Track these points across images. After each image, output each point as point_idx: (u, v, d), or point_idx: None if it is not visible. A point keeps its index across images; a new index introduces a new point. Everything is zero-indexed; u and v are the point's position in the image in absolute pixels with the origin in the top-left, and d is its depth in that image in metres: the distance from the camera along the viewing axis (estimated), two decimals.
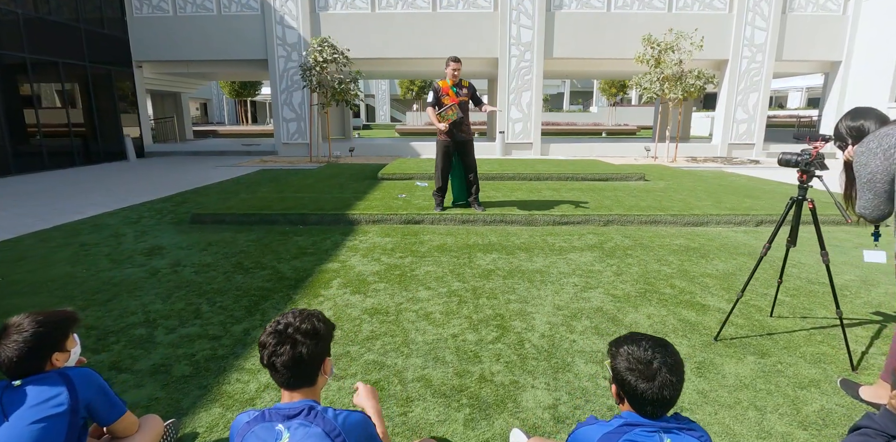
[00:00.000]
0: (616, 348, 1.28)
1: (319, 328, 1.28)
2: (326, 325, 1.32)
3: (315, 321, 1.29)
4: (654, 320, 2.99)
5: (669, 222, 5.59)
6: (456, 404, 2.12)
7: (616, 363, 1.25)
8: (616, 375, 1.25)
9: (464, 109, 5.56)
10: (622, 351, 1.25)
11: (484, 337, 2.76)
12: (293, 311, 1.32)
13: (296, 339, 1.23)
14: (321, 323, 1.30)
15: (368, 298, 3.34)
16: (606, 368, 1.32)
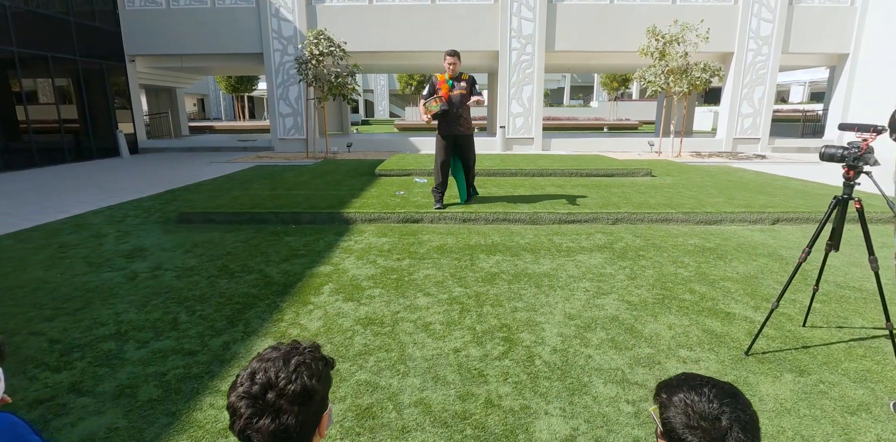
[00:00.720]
0: (668, 396, 1.00)
1: (313, 388, 0.86)
2: (322, 375, 0.89)
3: (306, 377, 0.86)
4: (676, 331, 2.71)
5: (681, 220, 5.31)
6: (459, 436, 1.85)
7: (669, 416, 0.97)
8: (670, 431, 0.96)
9: (463, 103, 5.39)
10: (677, 401, 0.97)
11: (489, 352, 2.49)
12: (276, 354, 0.88)
13: (279, 407, 0.83)
14: (315, 378, 0.87)
15: (362, 307, 3.07)
16: (653, 418, 0.99)
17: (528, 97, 14.70)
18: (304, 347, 0.91)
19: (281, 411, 0.83)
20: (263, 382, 0.84)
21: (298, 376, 0.85)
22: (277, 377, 0.84)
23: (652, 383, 2.20)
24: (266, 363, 0.87)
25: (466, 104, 5.39)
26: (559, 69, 21.88)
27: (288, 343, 0.93)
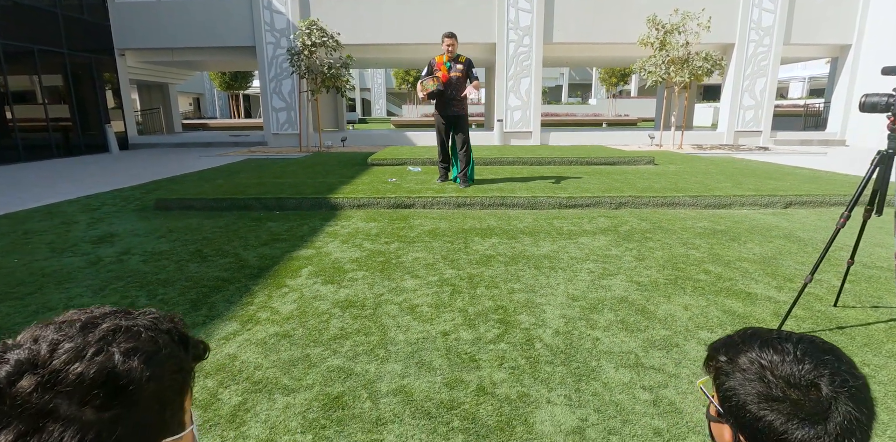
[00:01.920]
0: (731, 358, 0.68)
1: (130, 375, 0.44)
2: (161, 358, 0.48)
3: (119, 354, 0.45)
4: (693, 312, 2.41)
5: (689, 204, 5.01)
6: (444, 429, 1.54)
7: (734, 386, 0.66)
8: (736, 408, 0.65)
9: (460, 84, 5.52)
10: (747, 363, 0.65)
11: (482, 335, 2.18)
12: (79, 315, 0.50)
13: (43, 407, 0.40)
14: (139, 358, 0.45)
15: (343, 289, 2.76)
16: (703, 393, 0.61)
17: (525, 90, 14.40)
18: (141, 313, 0.52)
19: (47, 416, 0.40)
20: (24, 359, 0.42)
21: (101, 352, 0.44)
22: (56, 350, 0.43)
23: (671, 368, 1.90)
24: (50, 327, 0.46)
25: (463, 94, 5.48)
26: (557, 63, 21.57)
27: None
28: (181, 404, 0.51)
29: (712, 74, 12.47)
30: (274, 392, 1.76)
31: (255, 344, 2.12)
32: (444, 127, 5.66)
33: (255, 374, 1.88)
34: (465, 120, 5.66)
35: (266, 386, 1.80)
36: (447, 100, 5.47)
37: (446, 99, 5.47)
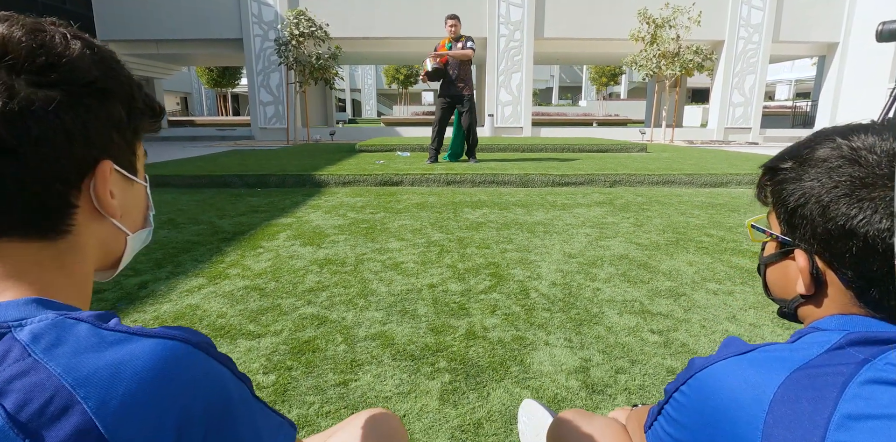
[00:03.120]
0: (804, 156, 0.51)
1: (75, 54, 0.39)
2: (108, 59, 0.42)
3: (88, 49, 0.40)
4: (698, 267, 2.24)
5: (685, 182, 4.88)
6: (429, 369, 1.35)
7: (811, 188, 0.49)
8: (813, 220, 0.49)
9: (462, 65, 5.55)
10: (827, 152, 0.49)
11: (473, 287, 1.99)
12: None
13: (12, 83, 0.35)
14: (85, 43, 0.40)
15: (322, 250, 2.56)
16: (758, 230, 0.40)
17: (516, 85, 14.30)
18: None
19: (16, 88, 0.35)
20: None
21: (76, 39, 0.40)
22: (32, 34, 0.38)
23: (680, 314, 1.72)
24: None
25: (450, 55, 5.43)
26: (548, 59, 21.54)
27: None
28: (131, 143, 0.45)
29: (703, 68, 12.46)
30: (237, 337, 1.55)
31: (220, 296, 1.92)
32: (446, 107, 5.62)
33: (218, 321, 1.68)
34: (468, 101, 5.61)
35: (228, 332, 1.59)
36: (450, 80, 5.51)
37: (449, 79, 5.51)
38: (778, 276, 0.57)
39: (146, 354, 0.36)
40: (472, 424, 1.12)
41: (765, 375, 0.47)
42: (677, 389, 0.56)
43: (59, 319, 0.36)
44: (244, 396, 0.43)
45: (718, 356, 0.53)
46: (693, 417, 0.52)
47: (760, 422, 0.45)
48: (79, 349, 0.34)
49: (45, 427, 0.31)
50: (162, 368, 0.36)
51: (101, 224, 0.43)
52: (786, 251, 0.55)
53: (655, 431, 0.63)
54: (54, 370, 0.33)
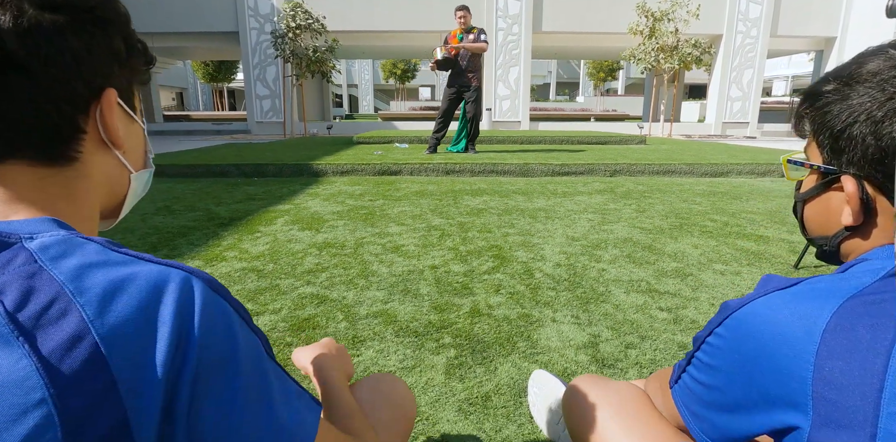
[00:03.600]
0: (849, 74, 0.48)
1: None
2: None
3: None
4: (703, 250, 2.21)
5: (685, 172, 4.85)
6: (433, 345, 1.31)
7: (859, 104, 0.46)
8: (864, 139, 0.45)
9: (472, 56, 5.52)
10: (878, 64, 0.46)
11: (476, 268, 1.95)
12: None
13: None
14: None
15: (321, 234, 2.52)
16: (794, 164, 0.35)
17: (514, 79, 14.24)
18: None
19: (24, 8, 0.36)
20: None
21: None
22: None
23: (688, 293, 1.69)
24: None
25: (465, 48, 5.42)
26: (546, 52, 21.46)
27: None
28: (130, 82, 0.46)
29: (701, 62, 12.43)
30: None
31: (218, 277, 1.87)
32: (454, 98, 5.59)
33: None
34: (474, 91, 5.57)
35: None
36: (459, 71, 5.49)
37: (458, 70, 5.49)
38: (818, 211, 0.54)
39: (151, 276, 0.34)
40: (479, 396, 1.08)
41: (814, 305, 0.43)
42: (711, 333, 0.52)
43: (70, 236, 0.35)
44: (255, 352, 0.39)
45: (757, 293, 0.49)
46: (730, 359, 0.48)
47: (811, 354, 0.41)
48: (85, 263, 0.34)
49: (40, 329, 0.30)
50: (162, 290, 0.34)
51: (106, 156, 0.44)
52: (828, 182, 0.51)
53: (683, 383, 0.59)
54: (57, 277, 0.32)
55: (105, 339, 0.31)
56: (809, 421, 0.41)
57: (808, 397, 0.41)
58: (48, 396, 0.29)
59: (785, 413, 0.43)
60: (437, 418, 1.01)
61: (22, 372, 0.29)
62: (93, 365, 0.30)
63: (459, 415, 1.02)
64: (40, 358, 0.29)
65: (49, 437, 0.29)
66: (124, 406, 0.31)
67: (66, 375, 0.30)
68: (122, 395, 0.31)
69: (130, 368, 0.31)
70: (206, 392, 0.34)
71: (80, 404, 0.30)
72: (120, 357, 0.31)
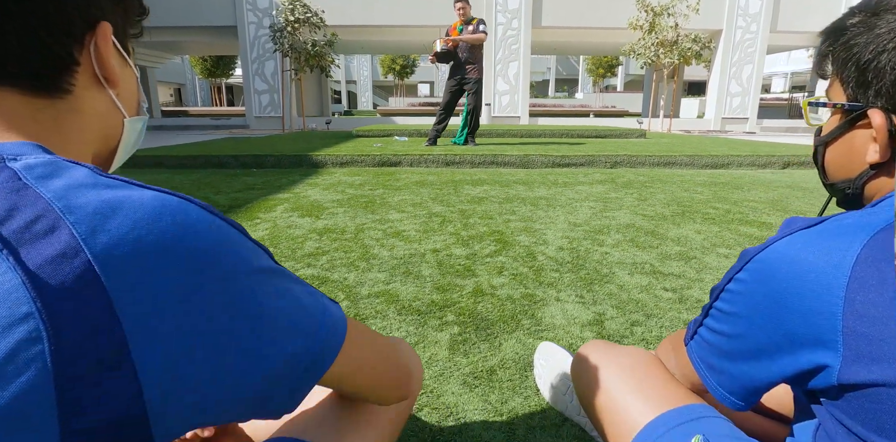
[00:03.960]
0: (875, 4, 0.47)
1: None
2: None
3: None
4: (706, 235, 2.20)
5: (685, 164, 4.83)
6: (436, 322, 1.30)
7: (889, 31, 0.45)
8: (884, 67, 0.45)
9: (473, 48, 5.45)
10: None
11: (478, 251, 1.94)
12: None
13: None
14: None
15: (321, 220, 2.50)
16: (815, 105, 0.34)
17: (514, 74, 14.20)
18: None
19: None
20: None
21: None
22: None
23: (692, 274, 1.68)
24: None
25: (462, 40, 5.33)
26: (546, 48, 21.41)
27: None
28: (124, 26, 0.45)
29: (700, 58, 12.41)
30: None
31: None
32: (455, 90, 5.54)
33: None
34: (475, 83, 5.52)
35: None
36: (459, 63, 5.44)
37: (458, 62, 5.44)
38: (841, 151, 0.52)
39: (146, 199, 0.33)
40: (484, 371, 1.06)
41: (842, 240, 0.41)
42: (731, 280, 0.50)
43: (56, 159, 0.34)
44: (263, 261, 0.38)
45: (781, 234, 0.47)
46: (752, 302, 0.47)
47: (841, 288, 0.40)
48: (73, 184, 0.32)
49: (26, 243, 0.28)
50: (159, 212, 0.32)
51: (99, 95, 0.42)
52: (852, 119, 0.49)
53: (700, 337, 0.58)
54: (44, 194, 0.30)
55: (99, 258, 0.29)
56: (840, 358, 0.40)
57: (837, 333, 0.40)
58: (35, 310, 0.27)
59: (812, 353, 0.42)
60: (441, 391, 0.99)
61: (6, 285, 0.27)
62: (85, 284, 0.28)
63: (464, 388, 1.00)
64: (27, 272, 0.27)
65: (36, 351, 0.27)
66: (123, 330, 0.29)
67: (55, 292, 0.28)
68: (119, 318, 0.29)
69: (128, 290, 0.30)
70: (223, 305, 0.33)
71: (72, 323, 0.28)
72: (116, 278, 0.29)
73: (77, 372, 0.27)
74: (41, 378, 0.27)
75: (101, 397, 0.28)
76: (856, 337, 0.39)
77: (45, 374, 0.27)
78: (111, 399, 0.29)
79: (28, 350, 0.27)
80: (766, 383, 0.48)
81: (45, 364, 0.27)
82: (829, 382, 0.41)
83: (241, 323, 0.34)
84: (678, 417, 0.63)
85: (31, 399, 0.26)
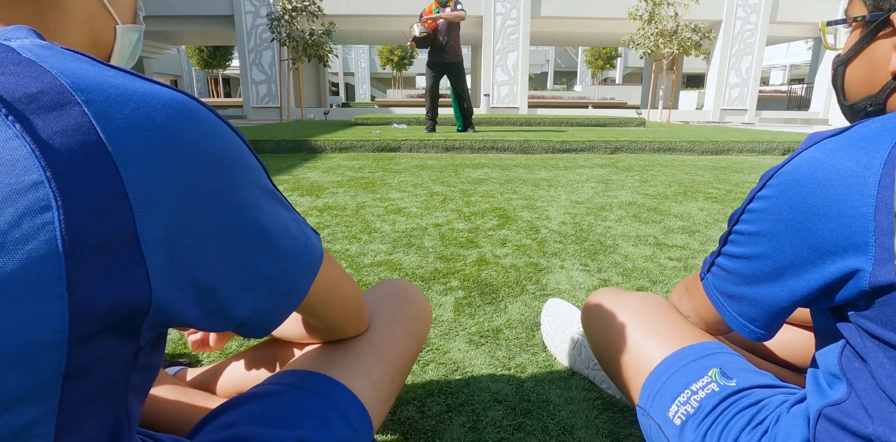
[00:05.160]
0: None
1: None
2: None
3: None
4: (709, 212, 2.19)
5: (686, 150, 4.82)
6: (441, 287, 1.29)
7: None
8: None
9: (450, 31, 5.28)
10: None
11: (480, 226, 1.93)
12: None
13: None
14: None
15: (321, 199, 2.48)
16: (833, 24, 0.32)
17: (513, 64, 14.11)
18: None
19: None
20: None
21: None
22: None
23: (696, 246, 1.67)
24: None
25: (443, 17, 5.20)
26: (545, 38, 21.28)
27: None
28: None
29: (700, 48, 12.35)
30: None
31: None
32: (436, 76, 5.42)
33: None
34: (457, 68, 5.41)
35: None
36: (438, 47, 5.28)
37: (437, 46, 5.28)
38: (862, 66, 0.51)
39: (162, 92, 0.31)
40: (490, 330, 1.05)
41: (870, 143, 0.40)
42: (752, 199, 0.49)
43: (53, 44, 0.31)
44: (264, 182, 0.38)
45: (805, 146, 0.46)
46: (777, 217, 0.45)
47: (872, 187, 0.38)
48: (79, 64, 0.30)
49: (35, 113, 0.26)
50: (176, 108, 0.31)
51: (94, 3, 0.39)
52: (874, 30, 0.48)
53: (717, 268, 0.56)
54: (51, 69, 0.28)
55: (112, 138, 0.27)
56: (872, 260, 0.39)
57: (869, 234, 0.38)
58: (45, 178, 0.25)
59: (843, 259, 0.40)
60: (448, 348, 0.98)
61: (15, 152, 0.25)
62: (97, 162, 0.27)
63: (471, 345, 0.99)
64: (36, 140, 0.26)
65: (45, 220, 0.25)
66: (131, 207, 0.28)
67: (66, 163, 0.26)
68: (130, 199, 0.28)
69: (142, 173, 0.28)
70: (220, 209, 0.32)
71: (82, 197, 0.26)
72: (130, 160, 0.28)
73: (86, 244, 0.26)
74: (49, 247, 0.25)
75: (110, 274, 0.27)
76: (888, 236, 0.38)
77: (53, 243, 0.25)
78: (119, 278, 0.28)
79: (36, 218, 0.25)
80: (791, 303, 0.47)
81: (54, 234, 0.25)
82: (859, 288, 0.40)
83: (231, 231, 0.33)
84: (693, 354, 0.62)
85: (38, 269, 0.25)
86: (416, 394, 0.83)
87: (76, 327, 0.26)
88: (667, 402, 0.59)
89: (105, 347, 0.29)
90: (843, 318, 0.44)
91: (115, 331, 0.29)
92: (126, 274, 0.28)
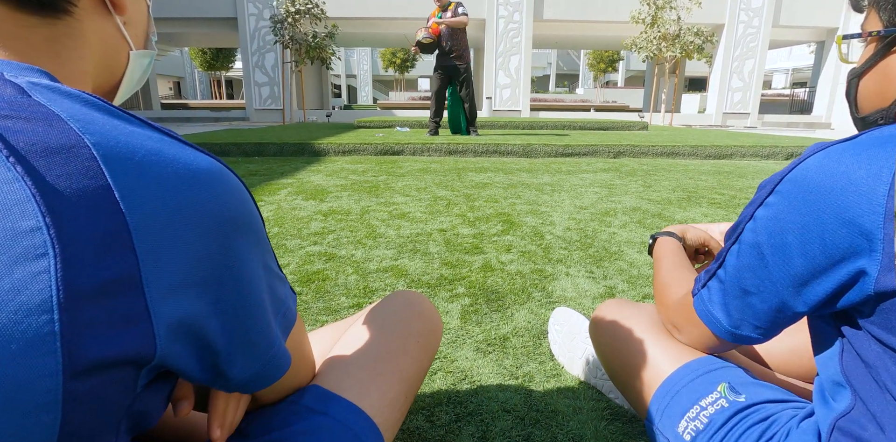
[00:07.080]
0: None
1: None
2: None
3: None
4: (713, 218, 2.19)
5: (689, 154, 4.82)
6: (447, 294, 1.29)
7: None
8: None
9: (455, 35, 5.32)
10: None
11: (485, 231, 1.93)
12: None
13: None
14: None
15: (325, 203, 2.48)
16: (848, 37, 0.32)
17: (515, 68, 14.14)
18: None
19: None
20: None
21: None
22: None
23: None
24: None
25: (445, 23, 5.24)
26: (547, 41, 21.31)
27: None
28: None
29: (702, 52, 12.36)
30: None
31: None
32: (442, 79, 5.46)
33: None
34: (464, 71, 5.43)
35: None
36: (443, 51, 5.33)
37: (442, 51, 5.33)
38: (876, 80, 0.51)
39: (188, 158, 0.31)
40: (497, 338, 1.06)
41: (880, 150, 0.41)
42: (761, 204, 0.49)
43: (61, 85, 0.30)
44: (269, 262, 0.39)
45: (809, 153, 0.46)
46: (784, 224, 0.46)
47: (882, 196, 0.39)
48: (89, 110, 0.29)
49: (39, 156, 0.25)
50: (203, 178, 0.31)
51: (105, 22, 0.38)
52: (888, 44, 0.49)
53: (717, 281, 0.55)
54: (60, 113, 0.27)
55: (120, 182, 0.26)
56: (878, 265, 0.39)
57: (878, 241, 0.39)
58: (44, 224, 0.24)
59: (851, 263, 0.41)
60: (455, 356, 0.98)
61: (13, 196, 0.24)
62: (103, 207, 0.26)
63: (478, 354, 0.99)
64: (38, 183, 0.24)
65: (40, 267, 0.24)
66: (137, 259, 0.27)
67: (69, 208, 0.25)
68: (136, 246, 0.27)
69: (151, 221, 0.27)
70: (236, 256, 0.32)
71: (83, 243, 0.25)
72: (139, 206, 0.27)
73: (85, 294, 0.25)
74: (42, 298, 0.24)
75: (112, 326, 0.26)
76: (894, 244, 0.38)
77: (47, 294, 0.24)
78: (122, 330, 0.26)
79: (29, 266, 0.24)
80: (803, 311, 0.47)
81: (49, 284, 0.24)
82: (864, 293, 0.40)
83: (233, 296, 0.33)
84: (701, 368, 0.62)
85: (29, 322, 0.23)
86: (425, 403, 0.83)
87: (71, 386, 0.25)
88: (676, 417, 0.59)
89: (103, 403, 0.27)
90: (845, 322, 0.45)
91: (114, 384, 0.27)
92: (129, 326, 0.26)
